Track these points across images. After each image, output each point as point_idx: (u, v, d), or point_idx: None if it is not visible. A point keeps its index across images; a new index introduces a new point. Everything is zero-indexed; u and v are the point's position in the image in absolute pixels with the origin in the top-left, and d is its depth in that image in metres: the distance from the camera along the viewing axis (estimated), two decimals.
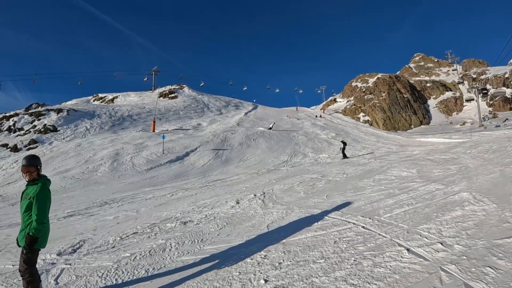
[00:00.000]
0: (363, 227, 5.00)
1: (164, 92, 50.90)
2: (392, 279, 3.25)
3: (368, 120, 47.60)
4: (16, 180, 15.61)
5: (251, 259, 4.22)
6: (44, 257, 4.85)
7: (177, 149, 22.41)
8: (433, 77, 64.09)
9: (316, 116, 46.81)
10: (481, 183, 6.87)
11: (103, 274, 4.16)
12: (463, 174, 8.10)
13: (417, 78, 63.40)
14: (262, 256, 4.29)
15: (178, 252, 4.80)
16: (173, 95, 49.97)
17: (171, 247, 5.03)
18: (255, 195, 8.78)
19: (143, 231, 6.13)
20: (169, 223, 6.56)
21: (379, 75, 55.66)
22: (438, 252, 3.74)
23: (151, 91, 55.04)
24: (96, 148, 21.60)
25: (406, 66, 76.21)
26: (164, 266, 4.31)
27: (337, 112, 52.18)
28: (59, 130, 25.74)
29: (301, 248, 4.39)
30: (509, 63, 62.12)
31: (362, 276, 3.39)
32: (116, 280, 3.99)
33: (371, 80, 55.64)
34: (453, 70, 64.34)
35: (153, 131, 29.01)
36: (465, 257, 3.52)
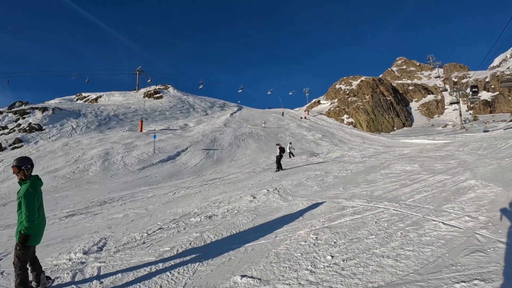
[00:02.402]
0: (393, 209, 5.40)
1: (149, 92, 49.95)
2: (439, 243, 3.85)
3: (352, 122, 48.92)
4: (3, 180, 14.87)
5: (305, 242, 4.36)
6: (69, 256, 4.61)
7: (168, 149, 22.14)
8: (415, 81, 66.87)
9: (301, 118, 47.56)
10: (483, 173, 7.46)
11: (151, 269, 3.98)
12: (464, 166, 8.67)
13: (399, 81, 65.96)
14: (314, 238, 4.44)
15: (221, 243, 4.77)
16: (158, 95, 49.17)
17: (211, 239, 4.98)
18: (268, 190, 8.84)
19: (168, 226, 6.02)
20: (193, 218, 6.47)
21: (363, 78, 57.42)
22: (468, 222, 4.42)
23: (135, 91, 53.87)
24: (85, 148, 20.92)
25: (389, 69, 79.05)
26: (215, 256, 4.22)
27: (321, 114, 53.22)
28: (44, 129, 24.67)
29: (347, 230, 4.63)
30: (489, 67, 66.15)
31: (414, 244, 3.91)
32: (171, 273, 3.83)
33: (355, 83, 57.29)
34: (435, 78, 67.10)
35: (141, 131, 28.49)
36: (490, 224, 4.22)
